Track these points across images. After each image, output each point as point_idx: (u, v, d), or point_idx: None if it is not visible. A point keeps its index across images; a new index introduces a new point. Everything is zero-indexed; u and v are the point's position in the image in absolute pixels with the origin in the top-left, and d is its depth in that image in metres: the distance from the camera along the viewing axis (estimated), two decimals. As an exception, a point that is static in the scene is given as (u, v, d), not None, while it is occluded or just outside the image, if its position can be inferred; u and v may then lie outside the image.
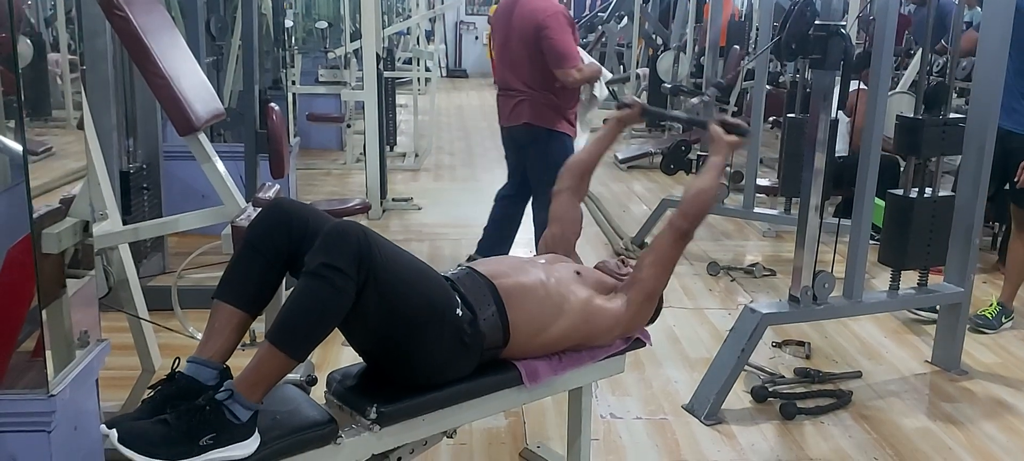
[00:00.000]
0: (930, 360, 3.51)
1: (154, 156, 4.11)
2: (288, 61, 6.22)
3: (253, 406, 1.66)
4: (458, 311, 1.91)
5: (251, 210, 2.60)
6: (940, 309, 3.48)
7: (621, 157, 7.52)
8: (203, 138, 2.58)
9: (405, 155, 7.58)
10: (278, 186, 3.10)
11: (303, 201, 2.33)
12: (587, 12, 11.83)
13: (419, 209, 5.85)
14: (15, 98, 1.58)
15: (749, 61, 5.17)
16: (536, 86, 3.80)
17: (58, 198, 1.69)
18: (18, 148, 1.55)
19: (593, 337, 2.20)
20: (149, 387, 1.71)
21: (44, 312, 1.57)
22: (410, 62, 8.94)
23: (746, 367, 3.17)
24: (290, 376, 1.82)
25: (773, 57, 5.80)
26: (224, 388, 1.66)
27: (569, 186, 2.53)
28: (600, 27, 10.30)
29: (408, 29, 9.24)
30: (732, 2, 9.98)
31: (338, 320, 1.73)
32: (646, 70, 9.31)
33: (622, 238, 5.13)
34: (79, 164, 1.84)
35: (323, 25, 7.81)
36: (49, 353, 1.56)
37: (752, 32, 8.35)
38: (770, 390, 3.13)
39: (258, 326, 1.99)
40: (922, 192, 3.26)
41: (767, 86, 5.37)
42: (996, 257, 4.80)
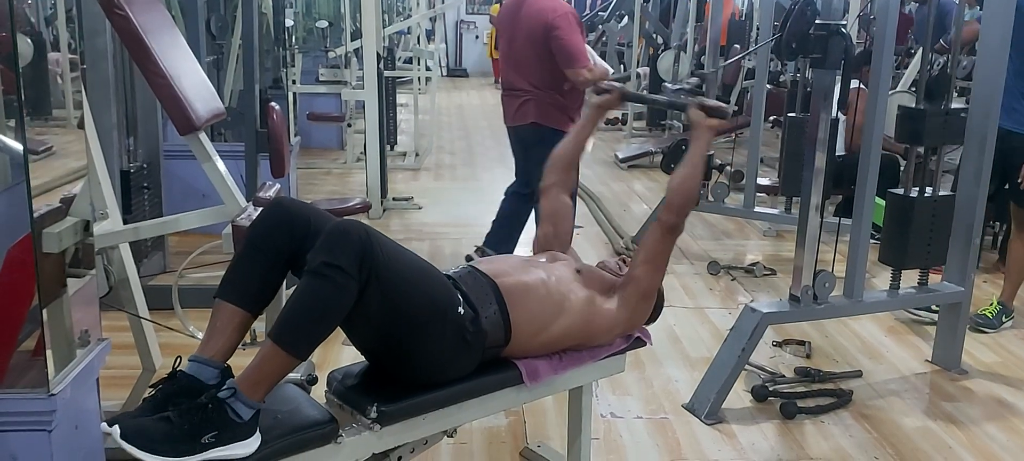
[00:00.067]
0: (930, 359, 3.51)
1: (155, 155, 4.11)
2: (288, 60, 6.22)
3: (255, 405, 1.67)
4: (460, 309, 1.92)
5: (251, 209, 2.60)
6: (941, 308, 3.48)
7: (621, 156, 7.50)
8: (203, 137, 2.59)
9: (405, 154, 7.59)
10: (278, 185, 3.10)
11: (304, 200, 2.33)
12: (587, 11, 11.83)
13: (419, 208, 5.85)
14: (16, 97, 1.57)
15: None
16: (543, 86, 3.81)
17: (59, 197, 1.69)
18: (19, 147, 1.54)
19: (593, 337, 2.21)
20: (150, 386, 1.72)
21: (44, 311, 1.56)
22: (410, 61, 8.94)
23: (746, 366, 3.17)
24: (291, 375, 1.82)
25: (774, 56, 5.79)
26: (227, 386, 1.67)
27: (556, 181, 2.51)
28: (600, 26, 10.30)
29: (408, 28, 9.24)
30: (733, 1, 9.98)
31: (341, 318, 1.73)
32: (647, 69, 9.32)
33: (622, 237, 5.13)
34: (79, 163, 1.84)
35: (323, 24, 7.81)
36: (49, 352, 1.56)
37: (753, 31, 8.36)
38: (770, 389, 3.13)
39: (258, 326, 1.99)
40: (923, 191, 3.26)
41: (768, 85, 5.37)
42: (997, 256, 4.80)
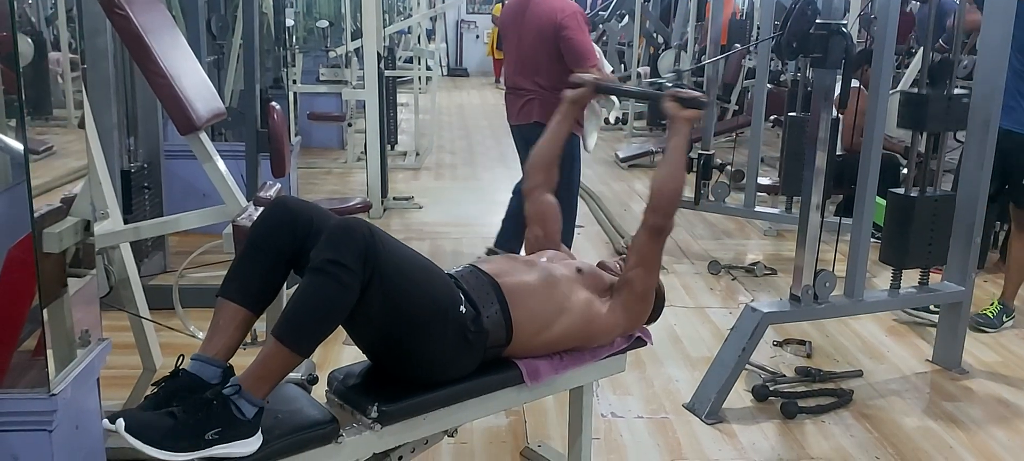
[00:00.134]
0: (931, 359, 3.50)
1: (155, 155, 4.12)
2: (289, 60, 6.22)
3: (259, 403, 1.67)
4: (462, 308, 1.92)
5: (252, 209, 2.60)
6: (941, 308, 3.48)
7: (622, 156, 7.50)
8: (204, 137, 2.59)
9: (406, 154, 7.59)
10: (279, 185, 3.10)
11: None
12: (588, 11, 11.82)
13: (420, 208, 5.85)
14: (16, 97, 1.57)
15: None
16: (549, 85, 3.81)
17: (59, 197, 1.69)
18: (19, 147, 1.54)
19: (593, 337, 2.21)
20: (153, 384, 1.72)
21: (45, 311, 1.56)
22: (411, 61, 8.93)
23: (747, 366, 3.17)
24: (291, 375, 1.82)
25: (774, 56, 5.80)
26: (231, 384, 1.67)
27: (539, 182, 2.48)
28: (601, 26, 10.29)
29: (409, 28, 9.24)
30: (733, 0, 9.98)
31: (343, 316, 1.73)
32: (647, 68, 9.31)
33: (623, 236, 5.13)
34: (80, 163, 1.83)
35: (324, 24, 7.82)
36: (50, 352, 1.56)
37: (753, 30, 8.36)
38: (771, 389, 3.13)
39: (259, 326, 1.99)
40: (923, 191, 3.26)
41: (768, 85, 5.37)
42: (997, 255, 4.80)
